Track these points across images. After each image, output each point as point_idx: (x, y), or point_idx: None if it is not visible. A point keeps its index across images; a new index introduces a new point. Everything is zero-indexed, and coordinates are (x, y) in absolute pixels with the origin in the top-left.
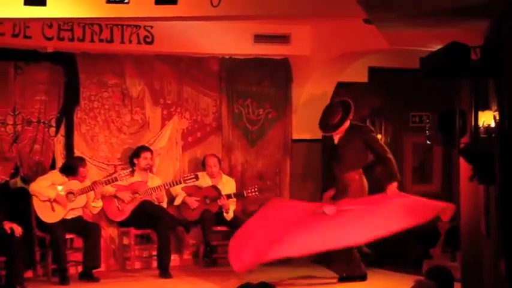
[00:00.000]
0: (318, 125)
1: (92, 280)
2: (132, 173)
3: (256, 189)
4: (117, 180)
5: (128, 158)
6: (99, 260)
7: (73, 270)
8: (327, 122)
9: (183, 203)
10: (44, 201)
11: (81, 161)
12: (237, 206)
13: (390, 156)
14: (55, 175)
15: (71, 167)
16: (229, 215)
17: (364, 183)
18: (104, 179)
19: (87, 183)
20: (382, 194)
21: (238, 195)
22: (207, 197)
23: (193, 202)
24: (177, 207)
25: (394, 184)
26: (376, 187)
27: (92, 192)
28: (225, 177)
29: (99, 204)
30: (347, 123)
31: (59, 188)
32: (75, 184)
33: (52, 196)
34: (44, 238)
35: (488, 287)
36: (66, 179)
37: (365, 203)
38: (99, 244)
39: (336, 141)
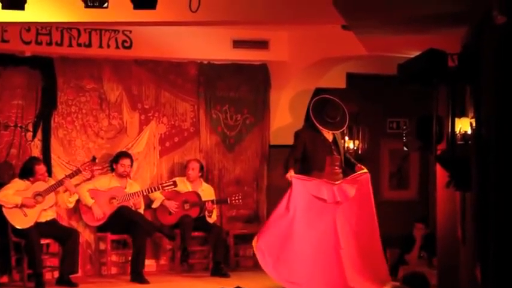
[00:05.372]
0: (316, 120)
1: (69, 286)
2: (93, 162)
3: (240, 197)
4: (80, 171)
5: (105, 163)
6: (76, 266)
7: (49, 276)
8: (332, 119)
9: (160, 207)
10: (11, 208)
11: (35, 160)
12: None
13: None
14: (17, 182)
15: (26, 169)
16: (212, 218)
17: None
18: (69, 173)
19: (52, 182)
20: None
21: (222, 201)
22: (187, 201)
23: (173, 205)
24: (153, 212)
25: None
26: None
27: (66, 193)
28: (204, 185)
29: (75, 198)
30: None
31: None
32: (40, 185)
33: (18, 202)
34: (19, 243)
35: None
36: (29, 183)
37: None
38: (77, 249)
39: (329, 138)
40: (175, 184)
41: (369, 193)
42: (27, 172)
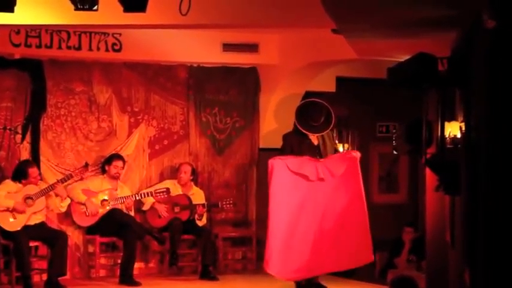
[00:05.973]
0: (299, 124)
1: None
2: (86, 168)
3: (231, 201)
4: (72, 176)
5: (94, 166)
6: (65, 268)
7: (37, 278)
8: (315, 122)
9: (150, 210)
10: (2, 211)
11: (28, 162)
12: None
13: None
14: (8, 184)
15: (20, 171)
16: (202, 221)
17: None
18: (60, 178)
19: (43, 185)
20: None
21: (213, 206)
22: (178, 204)
23: (163, 209)
24: (143, 214)
25: None
26: None
27: (58, 197)
28: (195, 188)
29: (67, 202)
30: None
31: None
32: (31, 188)
33: (10, 205)
34: (7, 245)
35: None
36: (20, 186)
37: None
38: (65, 252)
39: (315, 141)
40: (168, 191)
41: (357, 172)
42: (20, 174)
